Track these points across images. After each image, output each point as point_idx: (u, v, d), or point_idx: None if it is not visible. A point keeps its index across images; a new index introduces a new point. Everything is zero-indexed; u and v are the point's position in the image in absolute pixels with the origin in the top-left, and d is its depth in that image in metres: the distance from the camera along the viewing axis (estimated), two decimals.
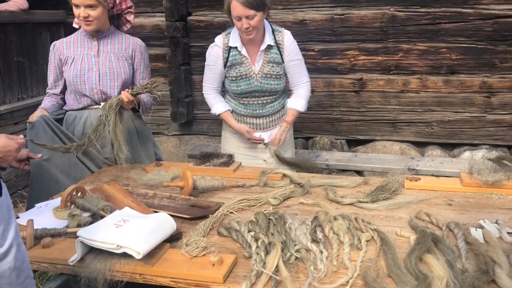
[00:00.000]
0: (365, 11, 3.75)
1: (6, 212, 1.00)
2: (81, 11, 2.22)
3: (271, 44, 2.41)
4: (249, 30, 2.29)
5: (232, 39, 2.41)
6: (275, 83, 2.47)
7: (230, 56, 2.43)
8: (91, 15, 2.24)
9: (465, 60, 3.67)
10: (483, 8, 3.55)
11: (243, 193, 1.92)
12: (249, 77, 2.44)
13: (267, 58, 2.43)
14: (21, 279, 1.04)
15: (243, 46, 2.41)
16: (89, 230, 1.38)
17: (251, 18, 2.26)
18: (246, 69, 2.43)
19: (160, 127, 4.32)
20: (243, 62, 2.43)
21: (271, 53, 2.43)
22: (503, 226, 1.52)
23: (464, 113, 3.77)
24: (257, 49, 2.42)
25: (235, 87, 2.48)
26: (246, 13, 2.23)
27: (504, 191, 1.81)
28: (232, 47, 2.42)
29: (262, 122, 2.56)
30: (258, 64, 2.44)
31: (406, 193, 1.87)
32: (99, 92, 2.32)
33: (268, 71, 2.44)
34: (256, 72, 2.44)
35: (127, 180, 2.13)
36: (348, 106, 3.97)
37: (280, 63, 2.45)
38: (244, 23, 2.26)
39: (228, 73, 2.47)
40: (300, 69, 2.52)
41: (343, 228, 1.52)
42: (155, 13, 4.17)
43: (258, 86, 2.45)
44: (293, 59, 2.47)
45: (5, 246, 0.99)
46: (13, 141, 1.67)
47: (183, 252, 1.39)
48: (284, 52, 2.44)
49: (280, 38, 2.44)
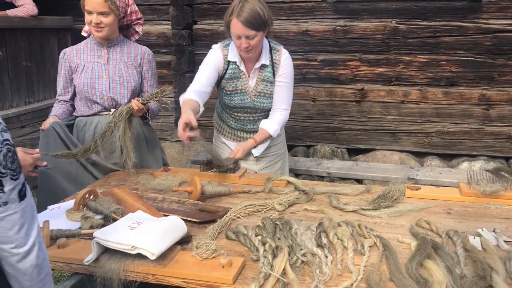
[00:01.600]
0: (367, 23, 3.83)
1: (30, 213, 1.06)
2: (93, 17, 2.28)
3: (265, 63, 2.36)
4: (248, 49, 2.24)
5: (231, 53, 2.36)
6: (268, 101, 2.44)
7: (229, 69, 2.38)
8: (103, 22, 2.30)
9: (464, 73, 3.76)
10: (483, 23, 3.64)
11: (249, 199, 1.98)
12: (244, 93, 2.42)
13: (261, 77, 2.40)
14: (41, 276, 1.10)
15: (241, 62, 2.37)
16: (105, 232, 1.44)
17: (251, 38, 2.20)
18: (242, 85, 2.40)
19: (163, 133, 4.39)
20: (240, 77, 2.40)
21: (266, 71, 2.39)
22: (500, 234, 1.58)
23: (463, 125, 3.85)
24: (252, 66, 2.38)
25: (229, 100, 2.45)
26: (246, 33, 2.18)
27: (502, 201, 1.88)
28: (231, 61, 2.37)
29: (252, 136, 2.52)
30: (253, 82, 2.41)
31: (407, 201, 1.93)
32: (109, 99, 2.39)
33: (261, 90, 2.41)
34: (251, 90, 2.41)
35: (136, 185, 2.19)
36: (349, 115, 4.04)
37: (272, 82, 2.41)
38: (244, 42, 2.20)
39: (224, 85, 2.43)
40: (284, 93, 2.43)
41: (346, 234, 1.58)
42: (161, 21, 4.25)
43: (251, 103, 2.43)
44: (282, 80, 2.41)
45: (28, 245, 1.05)
46: (29, 155, 1.75)
47: (194, 254, 1.45)
48: (278, 71, 2.39)
49: (277, 58, 2.39)
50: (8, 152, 1.00)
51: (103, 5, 2.25)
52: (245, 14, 2.14)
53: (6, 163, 1.00)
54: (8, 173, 1.00)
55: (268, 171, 2.57)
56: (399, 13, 3.77)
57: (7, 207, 1.01)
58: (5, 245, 1.03)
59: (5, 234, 1.02)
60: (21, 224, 1.03)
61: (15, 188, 1.02)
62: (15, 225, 1.02)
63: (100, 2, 2.24)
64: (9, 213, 1.01)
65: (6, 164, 1.00)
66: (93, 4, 2.24)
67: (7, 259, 1.04)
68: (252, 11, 2.15)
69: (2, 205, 1.00)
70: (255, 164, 2.57)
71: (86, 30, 2.49)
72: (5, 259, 1.05)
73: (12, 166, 1.01)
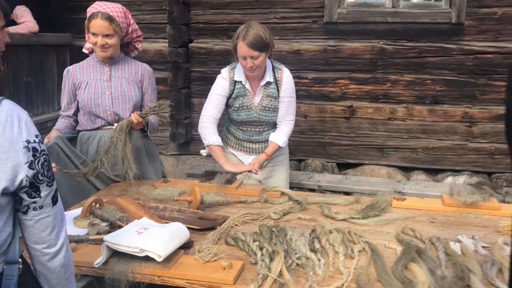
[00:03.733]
0: (356, 43, 4.01)
1: (60, 216, 1.17)
2: (99, 39, 2.40)
3: (270, 80, 2.60)
4: (253, 68, 2.48)
5: (237, 73, 2.60)
6: (272, 115, 2.67)
7: (235, 89, 2.61)
8: (108, 43, 2.42)
9: (448, 92, 3.94)
10: (465, 44, 3.84)
11: (245, 208, 2.10)
12: (250, 109, 2.64)
13: (266, 93, 2.63)
14: (67, 274, 1.21)
15: (247, 81, 2.61)
16: (114, 236, 1.55)
17: (255, 58, 2.45)
18: (248, 101, 2.63)
19: (159, 147, 4.49)
20: (246, 95, 2.63)
21: (270, 88, 2.62)
22: (478, 241, 1.72)
23: (447, 141, 4.01)
24: (258, 83, 2.62)
25: (236, 116, 2.68)
26: (251, 54, 2.43)
27: (481, 211, 2.02)
28: (237, 81, 2.61)
29: (258, 146, 2.76)
30: (258, 98, 2.64)
31: (393, 211, 2.07)
32: (112, 113, 2.50)
33: (266, 105, 2.63)
34: (256, 105, 2.64)
35: (137, 195, 2.30)
36: (338, 131, 4.19)
37: (277, 97, 2.64)
38: (249, 62, 2.46)
39: (231, 103, 2.65)
40: (289, 106, 2.68)
41: (337, 240, 1.71)
42: (158, 39, 4.40)
43: (257, 117, 2.65)
44: (286, 96, 2.64)
45: (58, 245, 1.16)
46: None
47: (196, 257, 1.56)
48: (281, 88, 2.63)
49: (279, 75, 2.63)
50: (44, 162, 1.12)
51: (108, 28, 2.38)
52: (250, 38, 2.41)
53: (43, 171, 1.11)
54: (44, 180, 1.12)
55: (271, 181, 2.75)
56: (386, 35, 3.95)
57: (42, 210, 1.12)
58: (38, 245, 1.14)
59: (38, 235, 1.13)
60: (53, 226, 1.14)
61: (50, 193, 1.13)
62: (48, 227, 1.13)
63: (106, 25, 2.37)
64: (44, 216, 1.13)
65: (44, 172, 1.11)
66: (99, 28, 2.37)
67: (38, 258, 1.15)
68: (256, 34, 2.42)
69: (38, 209, 1.11)
70: (259, 174, 2.72)
71: (87, 47, 2.60)
72: (37, 258, 1.16)
73: (48, 174, 1.13)
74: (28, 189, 1.10)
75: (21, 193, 1.10)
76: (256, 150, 2.75)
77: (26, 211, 1.12)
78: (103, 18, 2.36)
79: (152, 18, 4.40)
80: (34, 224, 1.13)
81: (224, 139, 2.80)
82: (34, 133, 1.12)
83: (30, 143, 1.09)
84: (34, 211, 1.12)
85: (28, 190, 1.10)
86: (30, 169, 1.09)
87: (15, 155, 1.07)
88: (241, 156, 2.79)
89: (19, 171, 1.07)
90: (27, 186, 1.09)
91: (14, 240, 1.13)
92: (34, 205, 1.11)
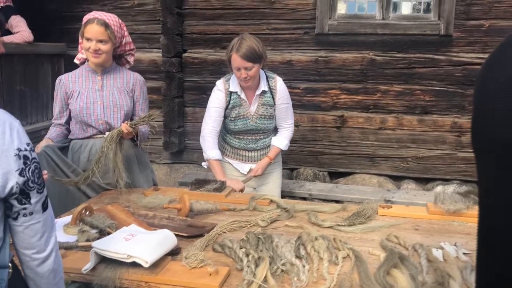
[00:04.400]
0: (346, 54, 4.08)
1: (50, 222, 1.20)
2: (92, 44, 2.44)
3: (265, 89, 2.71)
4: (247, 79, 2.59)
5: (232, 84, 2.70)
6: (268, 122, 2.77)
7: (231, 100, 2.71)
8: (101, 49, 2.46)
9: (437, 102, 4.00)
10: (454, 56, 3.91)
11: (234, 216, 2.13)
12: (246, 118, 2.73)
13: (262, 101, 2.74)
14: (56, 279, 1.24)
15: (242, 91, 2.71)
16: (102, 242, 1.58)
17: (249, 69, 2.55)
18: (244, 111, 2.73)
19: (152, 156, 4.52)
20: (242, 105, 2.73)
21: (265, 97, 2.74)
22: (460, 247, 1.76)
23: (436, 150, 4.07)
24: (253, 93, 2.73)
25: (233, 126, 2.76)
26: (245, 65, 2.54)
27: (464, 219, 2.06)
28: (233, 92, 2.71)
29: (254, 155, 2.83)
30: (254, 107, 2.74)
31: (379, 219, 2.11)
32: (104, 122, 2.53)
33: (262, 113, 2.74)
34: (252, 114, 2.73)
35: (128, 203, 2.33)
36: (330, 140, 4.24)
37: (272, 105, 2.76)
38: (243, 73, 2.56)
39: (228, 114, 2.74)
40: (287, 112, 2.83)
41: (323, 247, 1.74)
42: (152, 49, 4.45)
43: (253, 125, 2.75)
44: (283, 102, 2.78)
45: (47, 251, 1.19)
46: None
47: (183, 264, 1.59)
48: (276, 96, 2.75)
49: (273, 84, 2.75)
50: (35, 169, 1.15)
51: (103, 34, 2.43)
52: (243, 50, 2.52)
53: (34, 178, 1.15)
54: (35, 187, 1.15)
55: (266, 188, 2.83)
56: (376, 46, 4.02)
57: (32, 216, 1.15)
58: (28, 251, 1.17)
59: (28, 240, 1.16)
60: (42, 232, 1.17)
61: (40, 200, 1.17)
62: (38, 233, 1.16)
63: (101, 30, 2.42)
64: (33, 222, 1.16)
65: (34, 179, 1.15)
66: (94, 32, 2.41)
67: (28, 263, 1.18)
68: (249, 46, 2.53)
69: (28, 215, 1.15)
70: (253, 181, 2.83)
71: (79, 58, 2.63)
72: (27, 263, 1.19)
73: (38, 181, 1.16)
74: (19, 195, 1.13)
75: (11, 200, 1.13)
76: (252, 159, 2.81)
77: (17, 217, 1.14)
78: (99, 23, 2.42)
79: (146, 29, 4.45)
80: (24, 230, 1.15)
81: (220, 149, 2.86)
82: (26, 141, 1.15)
83: (21, 151, 1.13)
84: (24, 217, 1.15)
85: (19, 196, 1.13)
86: (20, 176, 1.12)
87: (6, 162, 1.10)
88: (237, 165, 2.86)
89: (9, 178, 1.10)
90: (17, 193, 1.12)
91: (5, 245, 1.16)
92: (24, 211, 1.14)
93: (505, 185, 0.80)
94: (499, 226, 0.82)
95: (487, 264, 0.85)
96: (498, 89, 0.82)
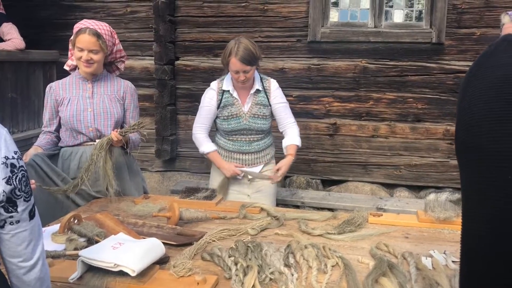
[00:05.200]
0: (339, 62, 4.09)
1: (37, 231, 1.19)
2: (84, 54, 2.43)
3: (259, 88, 2.78)
4: (245, 81, 2.69)
5: (226, 83, 2.77)
6: (262, 122, 2.79)
7: (223, 98, 2.77)
8: (93, 59, 2.46)
9: (430, 110, 4.02)
10: (445, 64, 3.93)
11: (224, 224, 2.12)
12: (239, 117, 2.77)
13: (256, 101, 2.79)
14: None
15: (234, 90, 2.77)
16: (89, 251, 1.57)
17: (247, 72, 2.64)
18: (236, 110, 2.77)
19: (144, 163, 4.51)
20: (234, 104, 2.77)
21: (259, 96, 2.79)
22: (449, 255, 1.76)
23: (429, 158, 4.08)
24: (247, 92, 2.79)
25: (226, 125, 2.78)
26: (243, 69, 2.62)
27: (454, 227, 2.06)
28: (225, 90, 2.77)
29: (248, 158, 2.83)
30: (248, 106, 2.78)
31: (369, 227, 2.10)
32: (94, 130, 2.52)
33: (256, 112, 2.77)
34: (245, 112, 2.77)
35: (118, 211, 2.31)
36: (323, 148, 4.24)
37: (266, 105, 2.80)
38: (241, 76, 2.64)
39: (220, 113, 2.79)
40: (286, 111, 2.87)
41: (312, 255, 1.73)
42: (145, 57, 4.45)
43: (247, 124, 2.77)
44: (279, 101, 2.83)
45: (34, 259, 1.18)
46: None
47: (171, 272, 1.58)
48: (271, 96, 2.81)
49: (267, 85, 2.82)
50: (22, 177, 1.15)
51: (95, 44, 2.42)
52: (241, 53, 2.59)
53: (21, 186, 1.14)
54: (22, 195, 1.14)
55: (260, 195, 2.82)
56: (369, 54, 4.04)
57: (19, 225, 1.14)
58: (14, 259, 1.16)
59: (15, 249, 1.15)
60: (29, 240, 1.16)
61: (27, 208, 1.16)
62: (24, 241, 1.16)
63: (93, 41, 2.41)
64: (20, 230, 1.15)
65: (21, 187, 1.14)
66: (86, 43, 2.41)
67: (14, 271, 1.17)
68: (247, 50, 2.60)
69: (14, 223, 1.14)
70: (248, 188, 2.83)
71: (69, 64, 2.62)
72: (13, 272, 1.17)
73: (25, 189, 1.16)
74: (5, 203, 1.12)
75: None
76: (246, 162, 2.81)
77: (3, 225, 1.14)
78: (90, 33, 2.41)
79: (138, 36, 4.45)
80: (11, 238, 1.15)
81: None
82: (13, 149, 1.15)
83: (8, 159, 1.12)
84: (11, 225, 1.14)
85: (5, 204, 1.12)
86: (7, 185, 1.11)
87: None
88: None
89: None
90: (4, 201, 1.12)
91: None
92: (11, 219, 1.14)
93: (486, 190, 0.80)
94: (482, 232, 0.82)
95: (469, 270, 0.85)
96: (478, 96, 0.83)
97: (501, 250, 0.77)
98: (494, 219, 0.79)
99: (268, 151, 2.91)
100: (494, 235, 0.78)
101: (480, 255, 0.83)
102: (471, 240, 0.84)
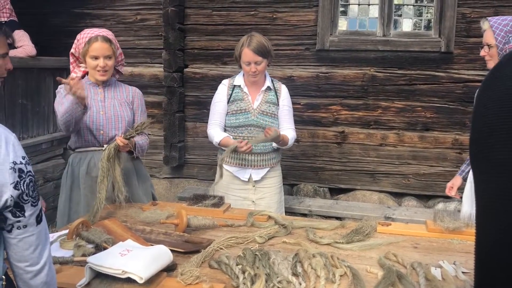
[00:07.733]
0: (347, 70, 4.09)
1: (44, 235, 1.20)
2: (100, 62, 2.47)
3: (270, 86, 2.86)
4: (256, 73, 2.74)
5: (237, 79, 2.87)
6: (270, 120, 2.83)
7: (233, 93, 2.85)
8: (108, 65, 2.49)
9: (438, 119, 4.00)
10: (454, 73, 3.92)
11: (231, 231, 2.11)
12: (248, 112, 2.82)
13: (265, 98, 2.85)
14: None
15: (245, 85, 2.85)
16: (97, 258, 1.57)
17: (258, 63, 2.71)
18: (245, 105, 2.82)
19: (152, 170, 4.52)
20: (243, 99, 2.84)
21: (269, 94, 2.87)
22: (459, 266, 1.74)
23: (438, 167, 4.05)
24: (258, 89, 2.86)
25: (234, 119, 2.82)
26: (255, 59, 2.69)
27: (464, 237, 2.04)
28: (236, 85, 2.85)
29: (253, 158, 2.82)
30: (257, 102, 2.85)
31: (378, 236, 2.09)
32: (104, 133, 2.55)
33: (265, 109, 2.83)
34: (254, 108, 2.82)
35: (125, 217, 2.31)
36: (330, 156, 4.23)
37: (275, 104, 2.87)
38: (253, 67, 2.71)
39: (229, 107, 2.84)
40: (289, 115, 2.93)
41: (320, 264, 1.72)
42: (154, 64, 4.48)
43: (255, 120, 2.81)
44: (286, 104, 2.90)
45: (41, 263, 1.19)
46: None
47: (178, 280, 1.57)
48: (280, 96, 2.89)
49: (278, 86, 2.92)
50: (30, 182, 1.16)
51: (109, 49, 2.47)
52: (254, 44, 2.68)
53: (28, 191, 1.15)
54: (29, 200, 1.15)
55: (265, 202, 2.82)
56: (377, 62, 4.04)
57: (26, 229, 1.15)
58: (21, 263, 1.16)
59: (22, 253, 1.16)
60: (36, 245, 1.17)
61: (34, 213, 1.17)
62: (31, 245, 1.16)
63: (106, 46, 2.46)
64: (27, 235, 1.16)
65: (29, 192, 1.15)
66: (101, 50, 2.45)
67: (21, 276, 1.18)
68: (259, 41, 2.70)
69: (21, 228, 1.15)
70: (253, 194, 2.83)
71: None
72: (20, 276, 1.18)
73: (33, 194, 1.17)
74: (13, 208, 1.13)
75: (5, 212, 1.13)
76: (251, 163, 2.81)
77: (11, 229, 1.15)
78: (103, 40, 2.45)
79: (148, 44, 4.49)
80: (18, 243, 1.16)
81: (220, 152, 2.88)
82: (21, 155, 1.16)
83: (16, 164, 1.13)
84: (18, 230, 1.15)
85: (13, 209, 1.13)
86: (15, 190, 1.12)
87: (1, 175, 1.10)
88: (236, 172, 2.85)
89: (4, 191, 1.11)
90: (12, 206, 1.13)
91: None
92: (18, 224, 1.15)
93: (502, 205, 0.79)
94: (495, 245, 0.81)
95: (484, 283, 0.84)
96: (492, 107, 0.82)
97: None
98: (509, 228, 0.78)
99: (274, 155, 2.90)
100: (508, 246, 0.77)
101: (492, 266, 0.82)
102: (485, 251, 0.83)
